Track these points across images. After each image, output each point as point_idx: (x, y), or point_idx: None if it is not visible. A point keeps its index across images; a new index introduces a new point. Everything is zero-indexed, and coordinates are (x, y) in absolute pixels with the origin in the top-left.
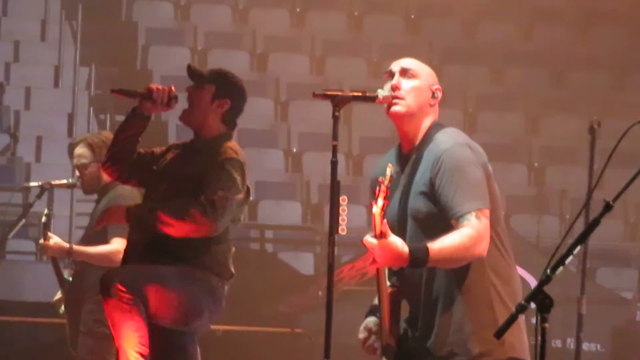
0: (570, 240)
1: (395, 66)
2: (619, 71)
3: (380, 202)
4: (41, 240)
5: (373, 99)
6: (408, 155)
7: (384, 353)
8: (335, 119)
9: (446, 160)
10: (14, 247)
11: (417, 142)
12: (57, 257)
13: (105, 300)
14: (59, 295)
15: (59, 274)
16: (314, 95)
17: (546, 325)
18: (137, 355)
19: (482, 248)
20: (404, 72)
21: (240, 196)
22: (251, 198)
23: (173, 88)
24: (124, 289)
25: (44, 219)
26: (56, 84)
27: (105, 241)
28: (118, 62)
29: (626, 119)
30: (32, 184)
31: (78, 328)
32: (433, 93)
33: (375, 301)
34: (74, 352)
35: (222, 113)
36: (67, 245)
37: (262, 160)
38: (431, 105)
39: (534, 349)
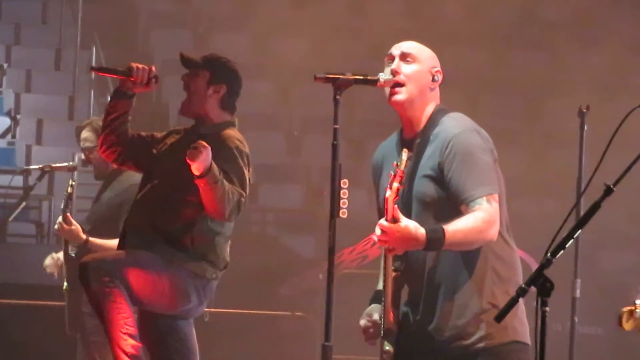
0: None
1: (396, 50)
2: (620, 54)
3: (395, 185)
4: (60, 219)
5: (374, 82)
6: (411, 140)
7: (385, 337)
8: (337, 102)
9: (456, 145)
10: (14, 230)
11: (421, 126)
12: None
13: (86, 288)
14: (49, 260)
15: (65, 251)
16: (315, 78)
17: (546, 309)
18: (125, 337)
19: (494, 232)
20: (404, 57)
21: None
22: (252, 181)
23: (153, 68)
24: (102, 273)
25: (69, 189)
26: (57, 67)
27: (116, 229)
28: (119, 44)
29: (627, 102)
30: (33, 166)
31: (78, 308)
32: (433, 76)
33: (379, 286)
34: (70, 333)
35: (220, 98)
36: (84, 236)
37: (263, 144)
38: (431, 89)
39: (534, 333)
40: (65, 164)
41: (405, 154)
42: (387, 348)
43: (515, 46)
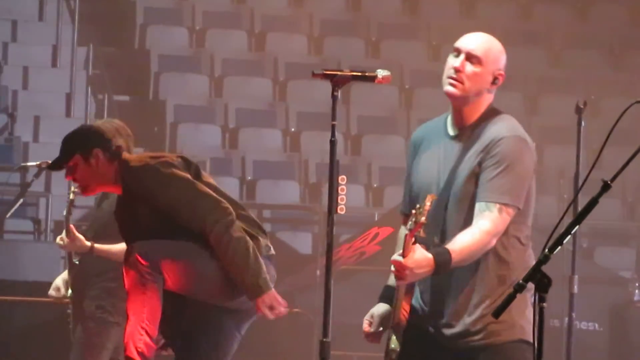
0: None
1: (464, 46)
2: (617, 50)
3: (413, 227)
4: (64, 235)
5: (372, 78)
6: (461, 131)
7: (394, 331)
8: (334, 98)
9: (503, 146)
10: (12, 227)
11: (472, 121)
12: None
13: (125, 271)
14: (60, 281)
15: (69, 258)
16: (313, 74)
17: (544, 304)
18: (142, 332)
19: (494, 242)
20: (470, 57)
21: (200, 187)
22: (249, 177)
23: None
24: (144, 263)
25: (72, 195)
26: (54, 64)
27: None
28: (116, 41)
29: (624, 98)
30: (30, 163)
31: (82, 315)
32: (495, 79)
33: (389, 281)
34: (73, 339)
35: (106, 161)
36: (89, 244)
37: (260, 140)
38: (489, 91)
39: (532, 328)
40: None
41: (429, 201)
42: (392, 346)
43: (512, 42)
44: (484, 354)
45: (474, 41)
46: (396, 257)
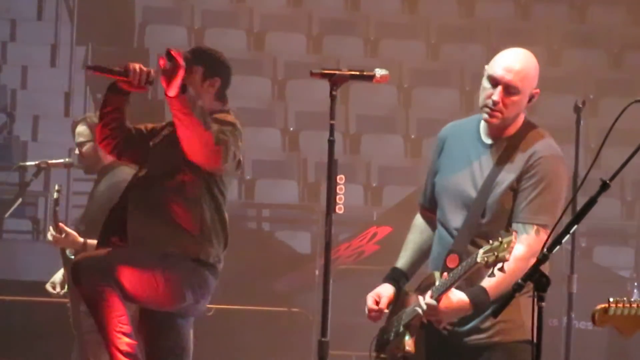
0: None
1: (502, 77)
2: (616, 50)
3: (492, 261)
4: (52, 232)
5: (370, 77)
6: (496, 141)
7: (410, 331)
8: (333, 97)
9: (543, 165)
10: (10, 226)
11: (509, 134)
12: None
13: (78, 287)
14: (58, 277)
15: (62, 252)
16: (311, 74)
17: (543, 304)
18: (120, 335)
19: (532, 262)
20: (508, 88)
21: (236, 151)
22: (248, 177)
23: (152, 72)
24: (94, 273)
25: (55, 195)
26: (53, 63)
27: None
28: (115, 40)
29: (623, 98)
30: (29, 163)
31: (79, 307)
32: (531, 98)
33: (398, 263)
34: (76, 332)
35: (215, 91)
36: (81, 240)
37: (259, 139)
38: (526, 108)
39: (531, 328)
40: (61, 160)
41: (515, 237)
42: (407, 349)
43: (511, 42)
44: (491, 352)
45: (511, 70)
46: (430, 301)
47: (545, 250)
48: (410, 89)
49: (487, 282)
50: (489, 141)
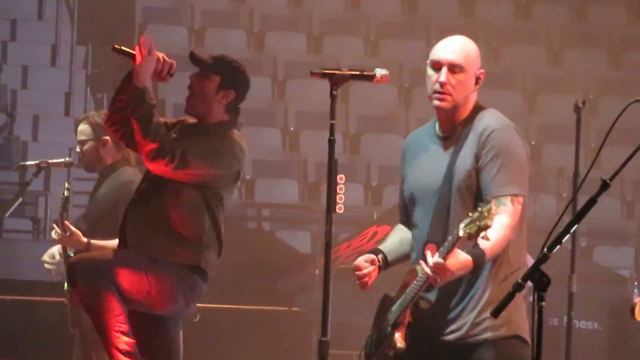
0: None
1: (444, 58)
2: (616, 49)
3: (474, 231)
4: (58, 230)
5: (371, 77)
6: (449, 132)
7: (398, 329)
8: (333, 97)
9: (495, 139)
10: (10, 226)
11: (460, 120)
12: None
13: (75, 288)
14: (56, 249)
15: (64, 251)
16: (312, 74)
17: (543, 303)
18: (119, 335)
19: (512, 234)
20: (453, 68)
21: (218, 172)
22: (248, 177)
23: (174, 65)
24: (91, 274)
25: (66, 193)
26: (53, 63)
27: (116, 228)
28: (115, 40)
29: (623, 98)
30: (29, 162)
31: (78, 306)
32: (477, 78)
33: (381, 246)
34: (73, 331)
35: (227, 103)
36: (85, 240)
37: (259, 139)
38: (474, 91)
39: (531, 327)
40: (62, 159)
41: (494, 204)
42: (399, 345)
43: (511, 41)
44: (480, 348)
45: (452, 50)
46: (438, 259)
47: (545, 249)
48: (410, 89)
49: (485, 246)
50: (444, 134)
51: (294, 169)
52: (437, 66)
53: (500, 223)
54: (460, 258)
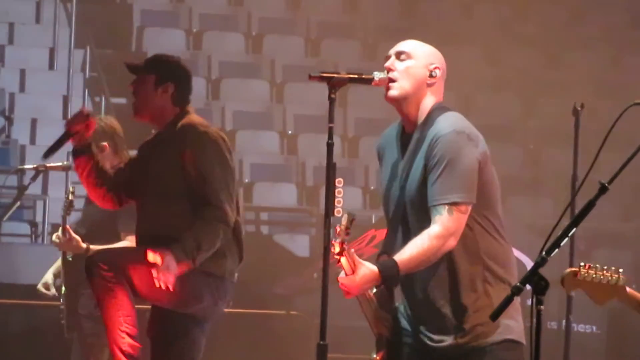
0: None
1: (392, 50)
2: (614, 52)
3: (337, 248)
4: (59, 234)
5: (369, 80)
6: (409, 136)
7: (377, 343)
8: (331, 101)
9: (440, 145)
10: (8, 230)
11: (419, 122)
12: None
13: (90, 282)
14: (50, 277)
15: (62, 255)
16: (310, 77)
17: (541, 307)
18: (124, 335)
19: (451, 243)
20: (399, 55)
21: (233, 190)
22: (246, 180)
23: (84, 109)
24: (106, 268)
25: (70, 197)
26: (51, 66)
27: (115, 233)
28: (113, 44)
29: (621, 101)
30: (27, 166)
31: (76, 310)
32: (430, 72)
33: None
34: (69, 337)
35: (170, 96)
36: (84, 246)
37: (257, 142)
38: (429, 85)
39: (529, 331)
40: (60, 163)
41: (345, 220)
42: (374, 356)
43: (510, 44)
44: (472, 356)
45: (401, 43)
46: (341, 277)
47: (543, 253)
48: None
49: (399, 256)
50: (404, 139)
51: (292, 172)
52: (387, 59)
53: (427, 232)
54: (365, 271)
